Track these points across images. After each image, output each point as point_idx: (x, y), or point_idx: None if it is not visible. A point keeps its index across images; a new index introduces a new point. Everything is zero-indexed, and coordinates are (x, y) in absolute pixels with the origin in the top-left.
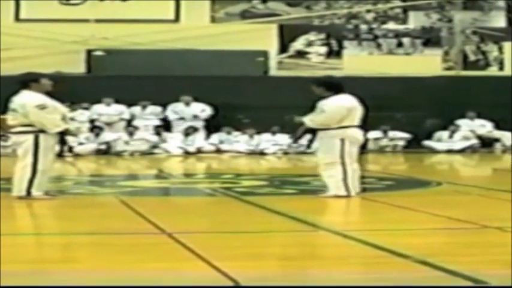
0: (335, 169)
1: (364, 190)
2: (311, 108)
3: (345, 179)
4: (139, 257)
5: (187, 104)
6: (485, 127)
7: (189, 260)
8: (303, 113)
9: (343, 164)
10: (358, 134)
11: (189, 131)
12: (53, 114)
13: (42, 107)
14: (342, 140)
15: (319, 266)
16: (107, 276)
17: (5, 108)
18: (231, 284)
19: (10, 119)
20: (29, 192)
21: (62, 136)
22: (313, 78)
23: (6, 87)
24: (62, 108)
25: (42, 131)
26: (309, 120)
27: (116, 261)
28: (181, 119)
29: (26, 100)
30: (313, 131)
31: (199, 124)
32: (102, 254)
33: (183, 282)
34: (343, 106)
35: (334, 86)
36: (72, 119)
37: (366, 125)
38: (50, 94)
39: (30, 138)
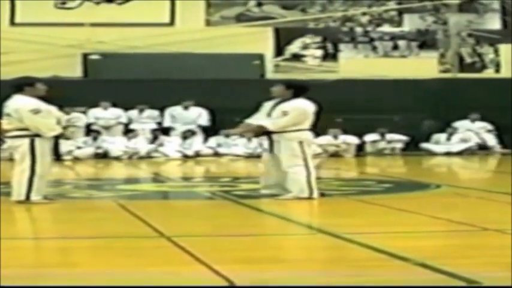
0: (299, 171)
1: (322, 195)
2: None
3: (308, 181)
4: (138, 261)
5: (185, 108)
6: (483, 129)
7: (188, 263)
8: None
9: (306, 165)
10: (311, 137)
11: (187, 135)
12: (48, 118)
13: (36, 112)
14: (300, 143)
15: (318, 269)
16: (106, 279)
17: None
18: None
19: (5, 123)
20: (28, 197)
21: (56, 140)
22: (284, 80)
23: (2, 92)
24: (57, 112)
25: (38, 135)
26: (271, 124)
27: (114, 264)
28: (172, 128)
29: (20, 104)
30: (266, 134)
31: (196, 128)
32: (101, 257)
33: (183, 286)
34: (306, 109)
35: (301, 89)
36: (69, 125)
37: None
38: (44, 98)
39: (25, 142)
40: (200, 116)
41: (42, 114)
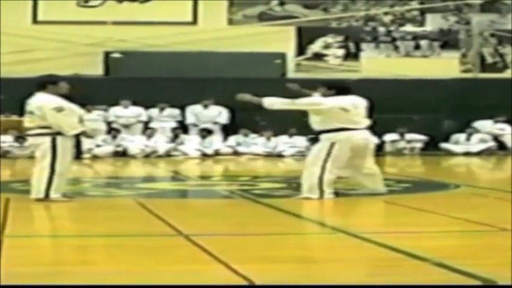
0: (314, 171)
1: (336, 194)
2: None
3: (320, 182)
4: (157, 259)
5: (205, 106)
6: (504, 130)
7: (206, 262)
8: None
9: (323, 166)
10: (357, 137)
11: (204, 134)
12: (70, 116)
13: (59, 110)
14: (332, 144)
15: (337, 269)
16: (124, 278)
17: (21, 110)
18: (250, 287)
19: (27, 121)
20: (47, 194)
21: (78, 138)
22: (325, 80)
23: (25, 89)
24: (79, 111)
25: (59, 133)
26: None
27: (133, 263)
28: (195, 125)
29: (43, 102)
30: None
31: (215, 126)
32: (119, 256)
33: (201, 285)
34: (327, 103)
35: (343, 89)
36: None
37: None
38: (66, 97)
39: (47, 140)
40: (220, 114)
41: (65, 112)
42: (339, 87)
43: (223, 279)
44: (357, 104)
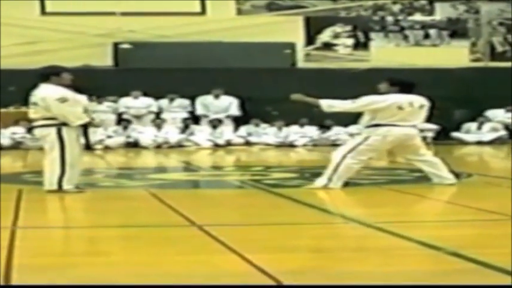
0: (334, 159)
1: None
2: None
3: (334, 170)
4: (170, 250)
5: (216, 96)
6: None
7: (220, 252)
8: None
9: (344, 156)
10: (395, 133)
11: (214, 123)
12: (74, 107)
13: (63, 100)
14: (366, 138)
15: (350, 258)
16: (137, 268)
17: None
18: (263, 276)
19: (31, 112)
20: (60, 186)
21: (85, 129)
22: (389, 77)
23: (34, 81)
24: (84, 101)
25: (65, 124)
26: (326, 104)
27: (146, 253)
28: (205, 116)
29: (46, 93)
30: None
31: (225, 117)
32: (132, 247)
33: (215, 275)
34: (381, 101)
35: (407, 85)
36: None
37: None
38: (74, 87)
39: (53, 131)
40: (231, 105)
41: (69, 102)
42: (402, 84)
43: (237, 269)
44: (413, 103)
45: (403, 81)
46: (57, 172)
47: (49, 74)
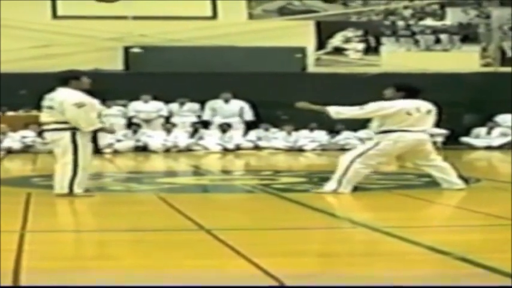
0: (341, 164)
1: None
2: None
3: (341, 177)
4: (179, 254)
5: (226, 101)
6: None
7: (228, 256)
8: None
9: (352, 161)
10: (407, 138)
11: (224, 128)
12: (90, 112)
13: (80, 105)
14: (377, 143)
15: (358, 263)
16: (146, 273)
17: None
18: (271, 281)
19: (44, 116)
20: (71, 190)
21: (95, 134)
22: (395, 82)
23: (45, 85)
24: (99, 106)
25: (78, 128)
26: (334, 111)
27: (154, 257)
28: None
29: (64, 97)
30: None
31: (235, 121)
32: (141, 250)
33: (223, 279)
34: (389, 107)
35: (412, 91)
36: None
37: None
38: (88, 92)
39: (67, 135)
40: (242, 109)
41: (85, 108)
42: (408, 90)
43: (245, 274)
44: (420, 108)
45: (409, 86)
46: (69, 176)
47: (69, 78)
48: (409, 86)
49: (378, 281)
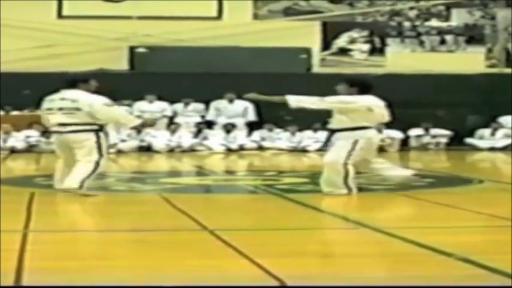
0: (338, 169)
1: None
2: None
3: (346, 180)
4: (181, 254)
5: (230, 101)
6: None
7: (231, 257)
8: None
9: (345, 164)
10: (374, 135)
11: (228, 128)
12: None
13: (110, 104)
14: (355, 142)
15: (361, 264)
16: (149, 273)
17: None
18: (274, 281)
19: (62, 117)
20: (81, 186)
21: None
22: (347, 77)
23: (50, 85)
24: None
25: (101, 129)
26: (295, 100)
27: (157, 258)
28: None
29: (91, 99)
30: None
31: (240, 121)
32: (144, 251)
33: (225, 280)
34: (353, 102)
35: (366, 86)
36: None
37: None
38: (94, 93)
39: (91, 136)
40: (246, 110)
41: (115, 106)
42: (362, 85)
43: (247, 274)
44: (379, 104)
45: (362, 82)
46: (87, 173)
47: (77, 81)
48: (362, 81)
49: (380, 281)
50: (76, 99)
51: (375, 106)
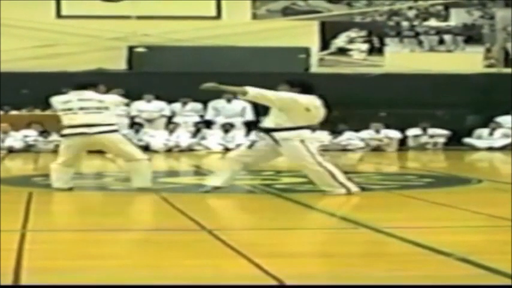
0: (317, 172)
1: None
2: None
3: (334, 177)
4: (180, 254)
5: (228, 100)
6: None
7: (229, 257)
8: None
9: (320, 164)
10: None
11: (226, 128)
12: None
13: (128, 104)
14: (302, 141)
15: (360, 264)
16: (147, 272)
17: (46, 103)
18: (272, 281)
19: (92, 117)
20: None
21: None
22: (287, 78)
23: (48, 84)
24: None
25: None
26: (252, 90)
27: (155, 257)
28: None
29: (115, 99)
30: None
31: (238, 121)
32: (142, 250)
33: (224, 279)
34: (299, 101)
35: (307, 86)
36: None
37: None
38: None
39: (120, 136)
40: (244, 109)
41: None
42: (303, 85)
43: (246, 274)
44: (317, 104)
45: (304, 82)
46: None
47: (87, 85)
48: (303, 81)
49: (379, 281)
50: (102, 100)
51: (313, 106)
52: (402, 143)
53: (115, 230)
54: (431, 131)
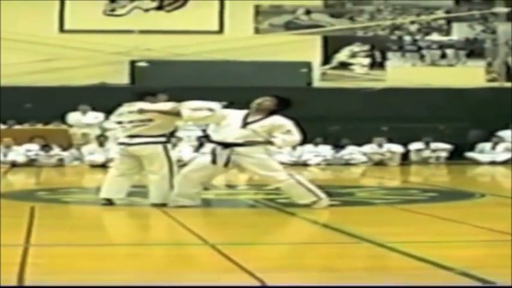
0: (289, 183)
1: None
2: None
3: (307, 187)
4: (182, 268)
5: None
6: None
7: (231, 271)
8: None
9: (291, 175)
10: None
11: None
12: None
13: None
14: (268, 151)
15: (362, 278)
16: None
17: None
18: None
19: (131, 130)
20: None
21: None
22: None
23: (51, 98)
24: None
25: (168, 141)
26: (281, 140)
27: (158, 272)
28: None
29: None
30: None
31: None
32: (145, 265)
33: None
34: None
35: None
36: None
37: None
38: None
39: (160, 148)
40: None
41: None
42: (283, 100)
43: None
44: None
45: (284, 97)
46: (167, 187)
47: (144, 94)
48: (283, 97)
49: None
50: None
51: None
52: (405, 157)
53: (117, 245)
54: (434, 145)
